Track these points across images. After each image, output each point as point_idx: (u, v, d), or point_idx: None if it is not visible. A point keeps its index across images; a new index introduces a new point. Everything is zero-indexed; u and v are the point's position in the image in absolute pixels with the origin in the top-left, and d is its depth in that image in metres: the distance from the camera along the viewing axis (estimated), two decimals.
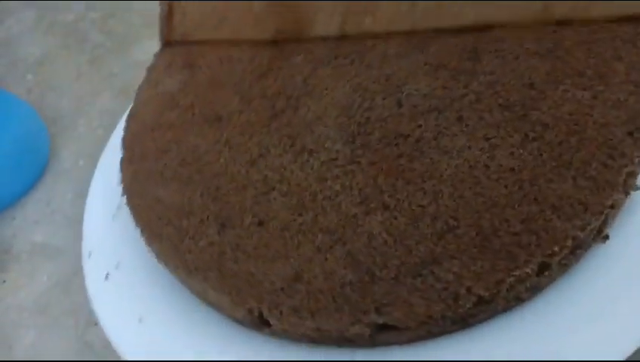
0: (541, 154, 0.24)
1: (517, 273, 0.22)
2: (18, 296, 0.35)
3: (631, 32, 0.27)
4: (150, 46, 0.52)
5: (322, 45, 0.34)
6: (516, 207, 0.23)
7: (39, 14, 0.62)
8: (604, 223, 0.24)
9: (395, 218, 0.25)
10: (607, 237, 0.24)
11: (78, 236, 0.30)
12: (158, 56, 0.38)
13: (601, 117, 0.25)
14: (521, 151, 0.25)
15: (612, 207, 0.23)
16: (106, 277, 0.30)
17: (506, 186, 0.24)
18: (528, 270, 0.22)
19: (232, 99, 0.33)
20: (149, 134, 0.33)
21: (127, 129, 0.34)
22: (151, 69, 0.37)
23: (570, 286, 0.24)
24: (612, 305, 0.23)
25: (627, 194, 0.24)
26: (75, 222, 0.36)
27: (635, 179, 0.24)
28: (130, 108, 0.36)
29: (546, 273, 0.23)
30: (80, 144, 0.44)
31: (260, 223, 0.27)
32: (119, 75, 0.50)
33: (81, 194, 0.38)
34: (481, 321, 0.23)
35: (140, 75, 0.49)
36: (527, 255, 0.22)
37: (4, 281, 0.35)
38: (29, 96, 0.50)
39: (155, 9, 0.56)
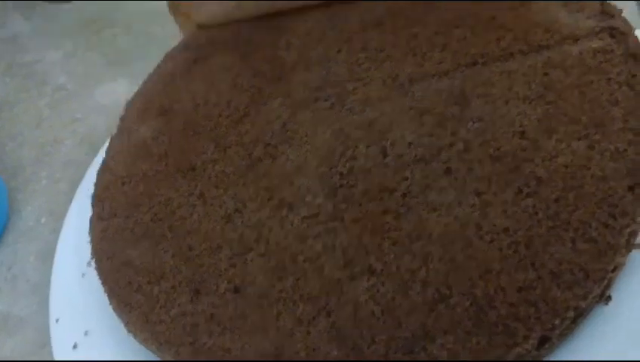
0: (537, 213, 0.23)
1: (516, 350, 0.20)
2: None
3: (626, 73, 0.26)
4: (113, 88, 0.50)
5: (301, 87, 0.32)
6: (512, 273, 0.22)
7: None
8: (607, 286, 0.22)
9: (383, 284, 0.23)
10: (609, 298, 0.23)
11: (43, 303, 0.28)
12: (131, 103, 0.36)
13: (599, 170, 0.23)
14: (515, 208, 0.23)
15: (614, 270, 0.21)
16: (74, 346, 0.28)
17: (500, 249, 0.22)
18: (528, 346, 0.20)
19: (207, 146, 0.31)
20: (120, 188, 0.31)
21: (97, 183, 0.32)
22: (124, 118, 0.35)
23: (571, 351, 0.22)
24: None
25: (629, 253, 0.22)
26: (39, 288, 0.34)
27: (637, 237, 0.22)
28: (101, 160, 0.34)
29: (546, 345, 0.21)
30: (42, 199, 0.42)
31: (236, 289, 0.25)
32: (82, 120, 0.48)
33: (45, 255, 0.36)
34: None
35: (104, 120, 0.47)
36: (526, 329, 0.20)
37: None
38: None
39: (115, 49, 0.55)
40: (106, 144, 0.35)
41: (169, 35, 0.53)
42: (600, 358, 0.22)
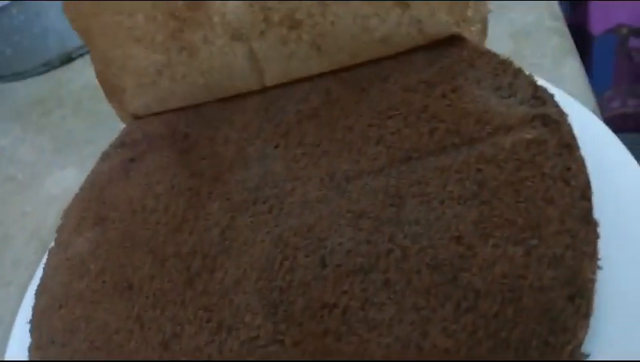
0: (476, 331, 0.22)
1: None
2: None
3: (560, 167, 0.25)
4: (63, 177, 0.49)
5: (240, 188, 0.31)
6: None
7: None
8: None
9: None
10: None
11: None
12: (68, 211, 0.35)
13: (537, 279, 0.22)
14: (455, 326, 0.22)
15: None
16: None
17: None
18: None
19: (145, 260, 0.30)
20: (57, 311, 0.30)
21: (35, 306, 0.31)
22: (61, 229, 0.34)
23: None
24: None
25: None
26: None
27: (580, 348, 0.21)
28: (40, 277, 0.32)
29: None
30: None
31: None
32: (31, 214, 0.46)
33: None
34: None
35: (53, 212, 0.46)
36: None
37: None
38: None
39: (64, 131, 0.53)
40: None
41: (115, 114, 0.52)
42: None
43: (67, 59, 0.62)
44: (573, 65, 0.38)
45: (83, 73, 0.61)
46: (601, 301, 0.23)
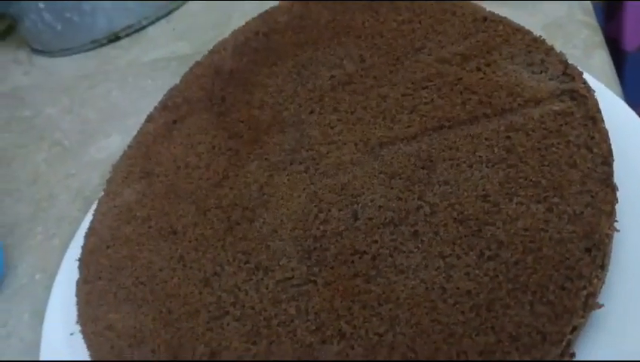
0: (497, 276, 0.23)
1: None
2: None
3: (585, 136, 0.27)
4: (107, 144, 0.52)
5: (277, 150, 0.33)
6: (473, 336, 0.22)
7: None
8: (567, 347, 0.23)
9: (352, 348, 0.24)
10: (573, 355, 0.23)
11: None
12: (117, 165, 0.37)
13: (556, 232, 0.24)
14: (477, 271, 0.24)
15: (573, 331, 0.22)
16: None
17: (463, 313, 0.23)
18: None
19: (188, 209, 0.32)
20: (104, 251, 0.32)
21: (84, 246, 0.33)
22: (110, 181, 0.37)
23: None
24: None
25: (589, 313, 0.23)
26: (33, 347, 0.35)
27: (596, 298, 0.23)
28: (89, 222, 0.35)
29: None
30: (36, 256, 0.43)
31: (212, 354, 0.26)
32: (76, 176, 0.49)
33: (38, 313, 0.37)
34: None
35: (96, 175, 0.48)
36: None
37: None
38: None
39: (110, 104, 0.56)
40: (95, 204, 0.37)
41: (159, 88, 0.55)
42: None
43: (114, 37, 0.65)
44: (602, 57, 0.40)
45: (129, 51, 0.64)
46: (617, 261, 0.25)
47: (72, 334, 0.32)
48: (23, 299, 0.39)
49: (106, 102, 0.58)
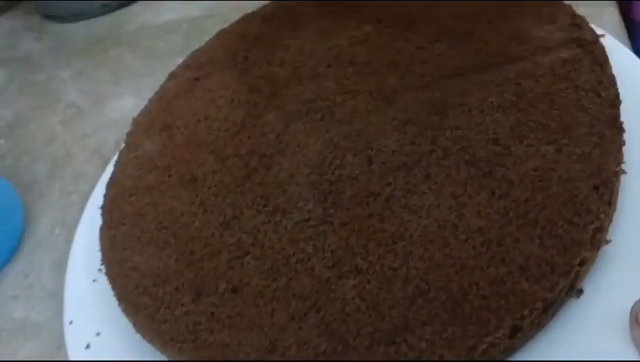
0: (507, 213, 0.25)
1: (488, 339, 0.22)
2: None
3: (593, 81, 0.27)
4: (122, 105, 0.52)
5: (294, 101, 0.34)
6: (485, 269, 0.23)
7: (9, 75, 0.63)
8: (576, 280, 0.24)
9: (368, 281, 0.25)
10: (581, 291, 0.24)
11: (58, 309, 0.30)
12: (137, 119, 0.38)
13: (565, 172, 0.25)
14: (488, 210, 0.25)
15: (581, 264, 0.23)
16: (87, 346, 0.30)
17: (474, 247, 0.24)
18: (500, 334, 0.22)
19: (208, 158, 0.33)
20: (127, 199, 0.33)
21: (106, 195, 0.35)
22: (130, 133, 0.38)
23: (547, 342, 0.24)
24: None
25: (597, 249, 0.24)
26: (54, 295, 0.36)
27: (604, 233, 0.24)
28: (109, 174, 0.36)
29: (519, 334, 0.23)
30: (55, 211, 0.44)
31: (234, 290, 0.27)
32: (92, 136, 0.50)
33: (59, 264, 0.38)
34: None
35: (111, 135, 0.49)
36: (498, 319, 0.22)
37: None
38: (3, 161, 0.50)
39: (122, 66, 0.57)
40: (115, 158, 0.38)
41: (172, 50, 0.56)
42: (574, 348, 0.23)
43: (125, 1, 0.66)
44: (612, 14, 0.40)
45: (141, 15, 0.64)
46: (625, 202, 0.26)
47: (94, 281, 0.33)
48: (43, 252, 0.41)
49: (119, 65, 0.58)
